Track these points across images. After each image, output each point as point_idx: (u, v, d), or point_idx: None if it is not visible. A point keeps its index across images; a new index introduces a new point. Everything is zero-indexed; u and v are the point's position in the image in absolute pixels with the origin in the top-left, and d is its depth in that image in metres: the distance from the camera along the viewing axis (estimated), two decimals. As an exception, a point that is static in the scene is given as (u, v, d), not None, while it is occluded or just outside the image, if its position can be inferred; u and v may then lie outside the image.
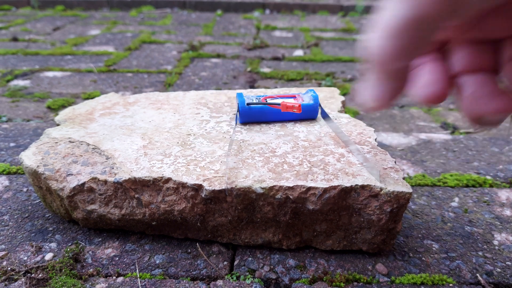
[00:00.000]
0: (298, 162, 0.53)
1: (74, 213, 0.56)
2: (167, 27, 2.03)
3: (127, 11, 2.47)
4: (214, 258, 0.54)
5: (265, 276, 0.51)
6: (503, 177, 0.75)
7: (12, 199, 0.66)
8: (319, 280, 0.51)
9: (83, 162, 0.55)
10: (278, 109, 0.62)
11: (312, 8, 2.54)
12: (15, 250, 0.55)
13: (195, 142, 0.59)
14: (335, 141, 0.59)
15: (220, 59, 1.48)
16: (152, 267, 0.52)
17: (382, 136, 0.91)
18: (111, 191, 0.53)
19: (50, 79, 1.24)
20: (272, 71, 1.32)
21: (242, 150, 0.56)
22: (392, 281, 0.51)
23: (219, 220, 0.53)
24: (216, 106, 0.71)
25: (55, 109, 1.02)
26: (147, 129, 0.63)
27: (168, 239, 0.57)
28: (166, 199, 0.52)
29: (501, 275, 0.52)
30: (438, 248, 0.57)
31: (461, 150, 0.85)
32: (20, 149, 0.81)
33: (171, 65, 1.40)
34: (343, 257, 0.55)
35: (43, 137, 0.62)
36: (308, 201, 0.49)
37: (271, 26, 2.07)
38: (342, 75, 1.32)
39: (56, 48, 1.59)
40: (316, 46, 1.69)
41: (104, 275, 0.51)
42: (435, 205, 0.66)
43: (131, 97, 0.76)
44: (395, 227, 0.51)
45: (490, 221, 0.63)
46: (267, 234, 0.54)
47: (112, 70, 1.34)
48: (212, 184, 0.50)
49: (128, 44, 1.67)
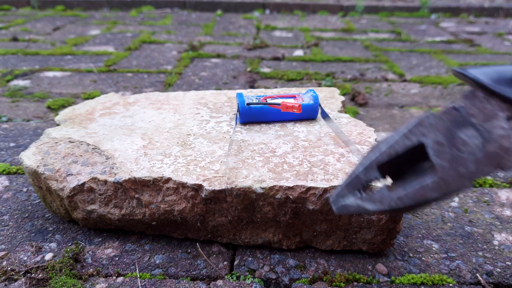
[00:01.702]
0: (298, 162, 0.53)
1: (74, 213, 0.56)
2: (167, 27, 2.03)
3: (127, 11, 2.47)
4: (214, 258, 0.54)
5: (265, 276, 0.51)
6: (503, 177, 0.75)
7: (12, 199, 0.66)
8: (319, 280, 0.51)
9: (83, 162, 0.55)
10: (278, 109, 0.62)
11: (312, 8, 2.54)
12: (15, 250, 0.55)
13: (195, 142, 0.59)
14: (335, 141, 0.59)
15: (220, 59, 1.48)
16: (152, 267, 0.52)
17: (382, 136, 0.91)
18: (111, 191, 0.53)
19: (50, 79, 1.24)
20: (272, 71, 1.32)
21: (242, 150, 0.56)
22: (392, 281, 0.51)
23: (219, 220, 0.53)
24: (216, 106, 0.71)
25: (55, 109, 1.02)
26: (147, 129, 0.63)
27: (168, 239, 0.57)
28: (166, 199, 0.52)
29: (501, 275, 0.52)
30: (438, 248, 0.57)
31: (461, 150, 0.85)
32: (20, 149, 0.81)
33: (171, 65, 1.40)
34: (343, 257, 0.55)
35: (43, 137, 0.62)
36: (308, 201, 0.50)
37: (271, 26, 2.07)
38: (342, 75, 1.32)
39: (56, 48, 1.59)
40: (316, 46, 1.69)
41: (104, 275, 0.51)
42: (435, 205, 0.66)
43: (131, 97, 0.76)
44: (395, 227, 0.51)
45: (490, 221, 0.63)
46: (267, 234, 0.54)
47: (112, 70, 1.34)
48: (212, 184, 0.50)
49: (128, 44, 1.67)
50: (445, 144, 0.28)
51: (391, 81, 1.29)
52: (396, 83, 1.27)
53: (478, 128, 0.28)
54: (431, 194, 0.28)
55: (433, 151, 0.29)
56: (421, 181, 0.29)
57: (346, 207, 0.32)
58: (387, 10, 2.51)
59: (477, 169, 0.28)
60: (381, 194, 0.30)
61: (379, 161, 0.30)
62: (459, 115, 0.29)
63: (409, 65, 1.45)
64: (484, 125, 0.27)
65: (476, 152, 0.28)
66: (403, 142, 0.30)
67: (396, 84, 1.26)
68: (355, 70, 1.38)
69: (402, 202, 0.29)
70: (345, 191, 0.32)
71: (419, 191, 0.29)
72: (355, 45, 1.72)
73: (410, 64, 1.45)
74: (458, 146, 0.28)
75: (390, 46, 1.71)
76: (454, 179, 0.28)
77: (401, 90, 1.21)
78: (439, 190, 0.28)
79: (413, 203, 0.29)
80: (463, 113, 0.29)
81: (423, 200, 0.29)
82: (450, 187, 0.28)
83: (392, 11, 2.50)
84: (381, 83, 1.27)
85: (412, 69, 1.40)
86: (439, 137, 0.28)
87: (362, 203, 0.31)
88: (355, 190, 0.32)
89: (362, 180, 0.31)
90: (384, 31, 2.02)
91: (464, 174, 0.28)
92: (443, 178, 0.28)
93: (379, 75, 1.34)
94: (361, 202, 0.31)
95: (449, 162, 0.28)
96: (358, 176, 0.31)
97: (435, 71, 1.39)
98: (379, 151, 0.31)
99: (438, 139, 0.28)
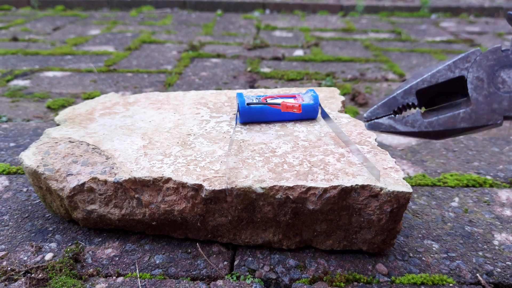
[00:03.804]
0: (298, 162, 0.53)
1: (74, 213, 0.56)
2: (167, 27, 2.03)
3: (127, 11, 2.47)
4: (214, 258, 0.54)
5: (265, 276, 0.51)
6: (503, 177, 0.75)
7: (12, 199, 0.66)
8: (319, 280, 0.51)
9: (83, 162, 0.55)
10: (278, 109, 0.62)
11: (312, 8, 2.54)
12: (15, 250, 0.55)
13: (195, 142, 0.59)
14: (335, 141, 0.59)
15: (220, 59, 1.48)
16: (152, 267, 0.52)
17: (382, 136, 0.91)
18: (111, 191, 0.53)
19: (50, 79, 1.24)
20: (272, 71, 1.32)
21: (242, 150, 0.56)
22: (392, 281, 0.51)
23: (219, 220, 0.53)
24: (216, 106, 0.71)
25: (55, 109, 1.02)
26: (147, 129, 0.63)
27: (168, 239, 0.57)
28: (166, 199, 0.52)
29: (501, 275, 0.52)
30: (438, 248, 0.57)
31: (461, 150, 0.85)
32: (20, 149, 0.81)
33: (171, 65, 1.40)
34: (343, 257, 0.55)
35: (43, 137, 0.62)
36: (308, 201, 0.49)
37: (271, 26, 2.07)
38: (342, 75, 1.32)
39: (56, 48, 1.59)
40: (316, 46, 1.69)
41: (104, 275, 0.51)
42: (435, 205, 0.66)
43: (131, 97, 0.76)
44: (395, 227, 0.51)
45: (490, 221, 0.63)
46: (267, 234, 0.54)
47: (112, 70, 1.34)
48: (212, 184, 0.50)
49: (128, 44, 1.67)
50: (485, 80, 0.30)
51: (391, 81, 1.29)
52: (396, 83, 1.27)
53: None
54: (461, 124, 0.31)
55: (472, 85, 0.30)
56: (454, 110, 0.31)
57: (378, 124, 0.34)
58: (387, 10, 2.51)
59: (510, 107, 0.30)
60: (414, 118, 0.32)
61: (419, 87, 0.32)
62: (504, 55, 0.30)
63: (409, 65, 1.45)
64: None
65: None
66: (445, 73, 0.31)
67: (396, 84, 1.26)
68: (355, 70, 1.38)
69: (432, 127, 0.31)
70: (380, 110, 0.34)
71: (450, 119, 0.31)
72: (355, 45, 1.72)
73: (410, 64, 1.45)
74: (497, 84, 0.30)
75: (390, 46, 1.71)
76: (485, 113, 0.30)
77: (401, 90, 1.21)
78: (469, 121, 0.30)
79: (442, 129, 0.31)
80: (508, 54, 0.30)
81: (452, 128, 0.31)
82: (480, 120, 0.30)
83: (392, 11, 2.50)
84: (381, 83, 1.27)
85: (412, 69, 1.40)
86: (481, 73, 0.30)
87: (394, 123, 0.33)
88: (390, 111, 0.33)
89: (399, 102, 0.33)
90: (384, 31, 2.02)
91: (496, 110, 0.30)
92: (476, 110, 0.30)
93: (379, 75, 1.34)
94: (393, 123, 0.33)
95: (485, 97, 0.30)
96: (396, 98, 0.33)
97: (435, 71, 1.39)
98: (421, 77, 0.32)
99: (480, 75, 0.30)
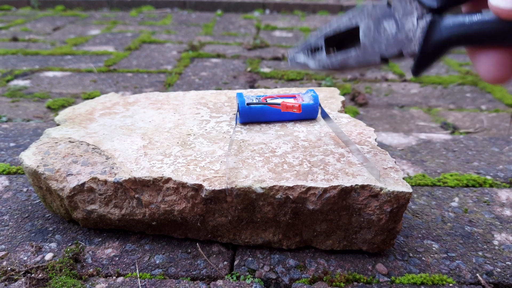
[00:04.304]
0: (298, 162, 0.53)
1: (74, 213, 0.56)
2: (167, 27, 2.03)
3: (127, 11, 2.47)
4: (214, 258, 0.54)
5: (265, 276, 0.51)
6: (503, 177, 0.75)
7: (12, 199, 0.66)
8: (319, 280, 0.51)
9: (83, 162, 0.55)
10: (278, 109, 0.62)
11: (312, 8, 2.54)
12: (15, 250, 0.55)
13: (195, 142, 0.59)
14: (335, 141, 0.59)
15: (220, 59, 1.48)
16: (152, 267, 0.52)
17: (382, 136, 0.91)
18: (111, 191, 0.53)
19: (50, 79, 1.24)
20: (272, 71, 1.32)
21: (242, 150, 0.56)
22: (392, 281, 0.51)
23: (219, 220, 0.53)
24: (216, 106, 0.71)
25: (55, 109, 1.03)
26: (147, 129, 0.63)
27: (168, 239, 0.57)
28: (166, 199, 0.52)
29: (501, 275, 0.52)
30: (438, 248, 0.57)
31: (461, 150, 0.85)
32: (20, 149, 0.81)
33: (171, 65, 1.40)
34: (343, 257, 0.55)
35: (43, 137, 0.62)
36: (308, 201, 0.50)
37: (271, 26, 2.07)
38: (342, 75, 1.32)
39: (56, 48, 1.59)
40: (316, 46, 1.69)
41: (104, 275, 0.51)
42: (435, 205, 0.66)
43: (131, 97, 0.76)
44: (395, 227, 0.51)
45: (490, 221, 0.63)
46: (267, 234, 0.54)
47: (112, 70, 1.34)
48: (212, 184, 0.50)
49: (128, 44, 1.67)
50: (372, 29, 0.38)
51: (391, 81, 1.29)
52: (396, 83, 1.27)
53: (397, 21, 0.37)
54: (351, 62, 0.39)
55: (363, 33, 0.38)
56: (348, 52, 0.39)
57: (296, 62, 0.42)
58: (387, 10, 2.50)
59: (386, 49, 0.38)
60: (320, 57, 0.41)
61: (327, 34, 0.40)
62: (388, 9, 0.38)
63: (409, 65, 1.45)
64: (402, 19, 0.37)
65: (389, 38, 0.38)
66: (346, 23, 0.39)
67: (396, 84, 1.26)
68: (355, 70, 1.38)
69: (331, 64, 0.40)
70: (299, 51, 0.42)
71: (344, 58, 0.39)
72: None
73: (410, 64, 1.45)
74: (380, 31, 0.38)
75: (390, 46, 1.71)
76: (369, 54, 0.38)
77: (401, 90, 1.21)
78: (357, 59, 0.39)
79: (338, 66, 0.40)
80: (391, 8, 0.37)
81: (344, 65, 0.40)
82: (365, 59, 0.39)
83: (392, 11, 2.50)
84: (381, 83, 1.27)
85: (412, 69, 1.40)
86: (370, 23, 0.38)
87: (307, 60, 0.42)
88: (306, 51, 0.42)
89: (312, 45, 0.41)
90: (384, 31, 2.01)
91: (376, 52, 0.38)
92: (363, 52, 0.38)
93: (379, 75, 1.34)
94: (307, 59, 0.42)
95: (370, 42, 0.38)
96: (309, 42, 0.41)
97: (435, 71, 1.39)
98: (329, 26, 0.41)
99: (369, 25, 0.38)
